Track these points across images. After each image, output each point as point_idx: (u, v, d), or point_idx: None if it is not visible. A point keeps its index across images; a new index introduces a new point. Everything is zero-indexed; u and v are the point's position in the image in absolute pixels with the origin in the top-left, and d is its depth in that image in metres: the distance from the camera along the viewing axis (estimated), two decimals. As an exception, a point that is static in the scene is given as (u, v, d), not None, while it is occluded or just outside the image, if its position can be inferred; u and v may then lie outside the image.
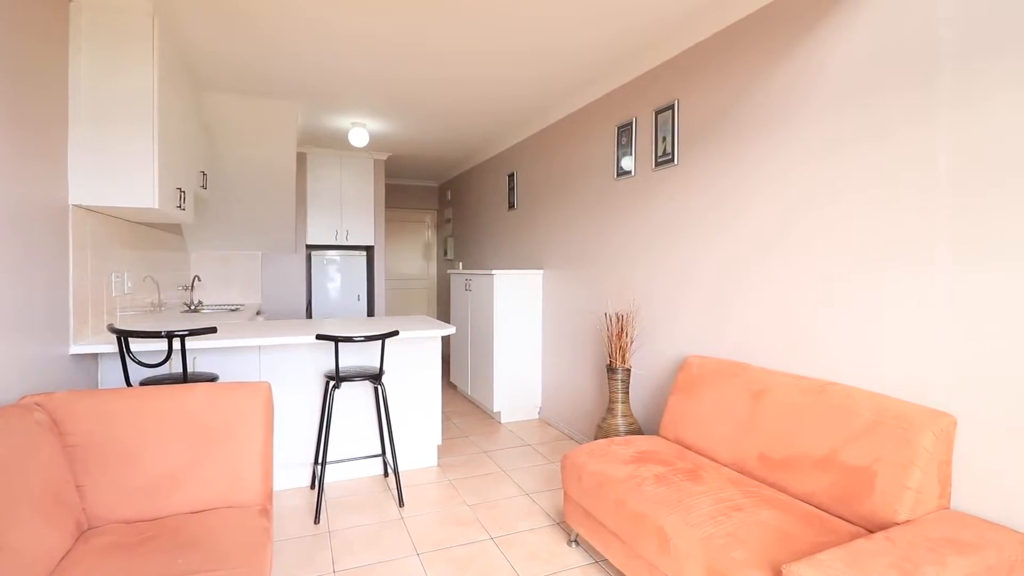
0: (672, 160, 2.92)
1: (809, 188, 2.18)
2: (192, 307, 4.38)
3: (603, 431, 2.99)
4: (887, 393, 1.90)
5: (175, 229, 4.49)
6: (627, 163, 3.30)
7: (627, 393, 3.01)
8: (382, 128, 4.71)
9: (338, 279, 5.80)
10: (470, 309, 4.75)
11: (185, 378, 2.39)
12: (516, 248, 4.93)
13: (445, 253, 7.18)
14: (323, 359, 3.08)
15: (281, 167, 4.44)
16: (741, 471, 2.13)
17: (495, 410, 4.28)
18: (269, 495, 1.94)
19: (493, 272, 4.22)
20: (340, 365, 3.12)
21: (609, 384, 3.04)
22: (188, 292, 4.68)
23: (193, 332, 2.37)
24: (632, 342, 3.06)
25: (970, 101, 1.66)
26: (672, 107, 2.92)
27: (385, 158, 5.75)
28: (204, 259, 5.14)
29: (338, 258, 5.80)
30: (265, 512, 1.86)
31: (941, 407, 1.74)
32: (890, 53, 1.88)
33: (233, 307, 4.59)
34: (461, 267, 6.46)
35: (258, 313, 5.00)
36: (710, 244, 2.67)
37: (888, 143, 1.89)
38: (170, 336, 2.31)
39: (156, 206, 2.49)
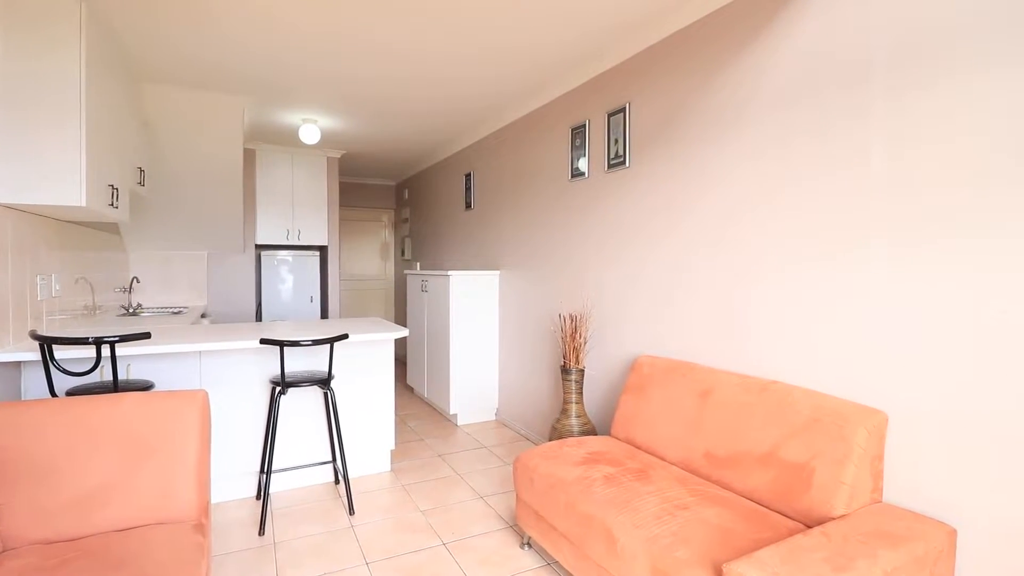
0: (624, 162, 2.95)
1: (750, 186, 2.24)
2: (130, 310, 4.16)
3: (558, 432, 3.00)
4: (826, 391, 1.96)
5: (111, 228, 4.25)
6: (581, 164, 3.31)
7: (581, 394, 3.02)
8: (335, 125, 4.59)
9: (290, 280, 5.62)
10: (427, 310, 4.69)
11: (116, 387, 2.26)
12: (473, 248, 4.90)
13: (403, 253, 7.07)
14: (269, 364, 2.97)
15: (227, 164, 4.27)
16: (688, 469, 2.17)
17: (452, 412, 4.24)
18: (205, 509, 1.85)
19: (449, 273, 4.17)
20: (287, 370, 3.01)
21: (563, 385, 3.05)
22: (126, 295, 4.44)
23: (124, 338, 2.24)
24: (586, 342, 3.08)
25: (901, 98, 1.74)
26: (624, 110, 2.95)
27: (339, 156, 5.61)
28: (145, 259, 4.89)
29: (290, 258, 5.62)
30: (200, 527, 1.77)
31: (875, 404, 1.81)
32: (828, 55, 1.95)
33: (175, 310, 4.38)
34: (419, 267, 6.38)
35: (203, 316, 4.80)
36: (660, 245, 2.71)
37: (825, 138, 1.96)
38: (98, 342, 2.18)
39: (84, 204, 2.34)
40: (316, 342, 2.59)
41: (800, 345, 2.05)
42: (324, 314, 5.79)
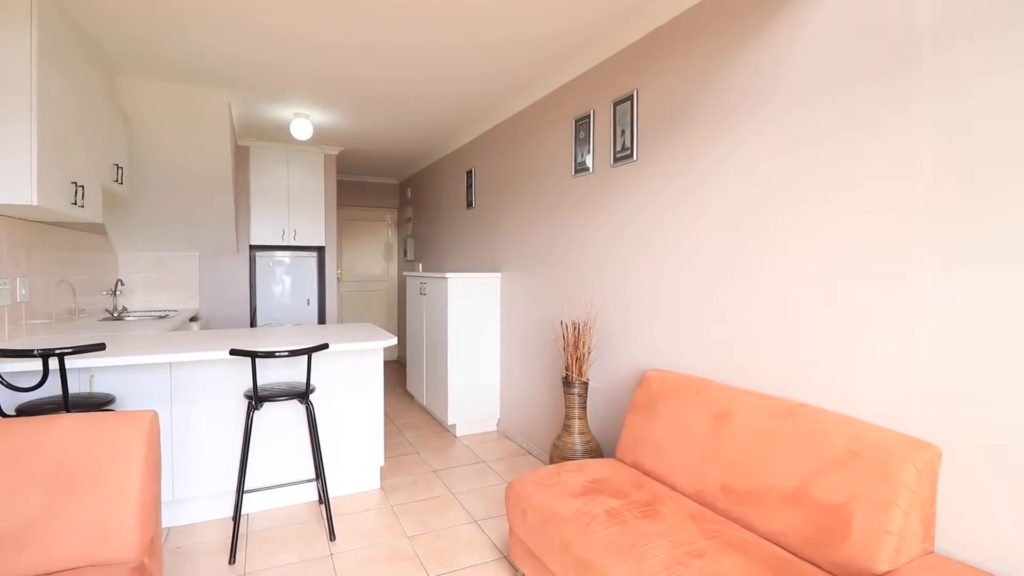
0: (631, 155, 2.68)
1: (776, 187, 1.96)
2: (115, 314, 3.98)
3: (558, 450, 2.74)
4: (863, 418, 1.69)
5: (97, 229, 4.07)
6: (585, 159, 3.05)
7: (584, 408, 2.76)
8: (329, 120, 4.38)
9: (286, 282, 5.43)
10: (425, 314, 4.46)
11: (66, 404, 2.05)
12: (475, 249, 4.66)
13: (405, 254, 6.85)
14: (247, 375, 2.75)
15: (215, 161, 4.07)
16: (703, 503, 1.90)
17: (450, 423, 4.00)
18: (149, 547, 1.63)
19: (447, 275, 3.94)
20: (265, 382, 2.79)
21: (565, 399, 2.79)
22: (112, 298, 4.27)
23: (78, 350, 2.03)
24: (589, 353, 2.82)
25: (955, 88, 1.46)
26: (631, 98, 2.68)
27: (336, 152, 5.40)
28: (133, 261, 4.72)
29: (286, 260, 5.43)
30: (142, 569, 1.55)
31: (923, 436, 1.53)
32: (864, 36, 1.67)
33: (162, 313, 4.20)
34: (421, 269, 6.15)
35: (193, 319, 4.61)
36: (670, 247, 2.45)
37: (862, 135, 1.68)
38: (44, 355, 1.97)
39: (35, 203, 2.13)
40: (292, 353, 2.37)
41: (833, 364, 1.77)
42: (321, 317, 5.59)
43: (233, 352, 2.32)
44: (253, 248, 5.27)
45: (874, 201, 1.65)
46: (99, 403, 2.23)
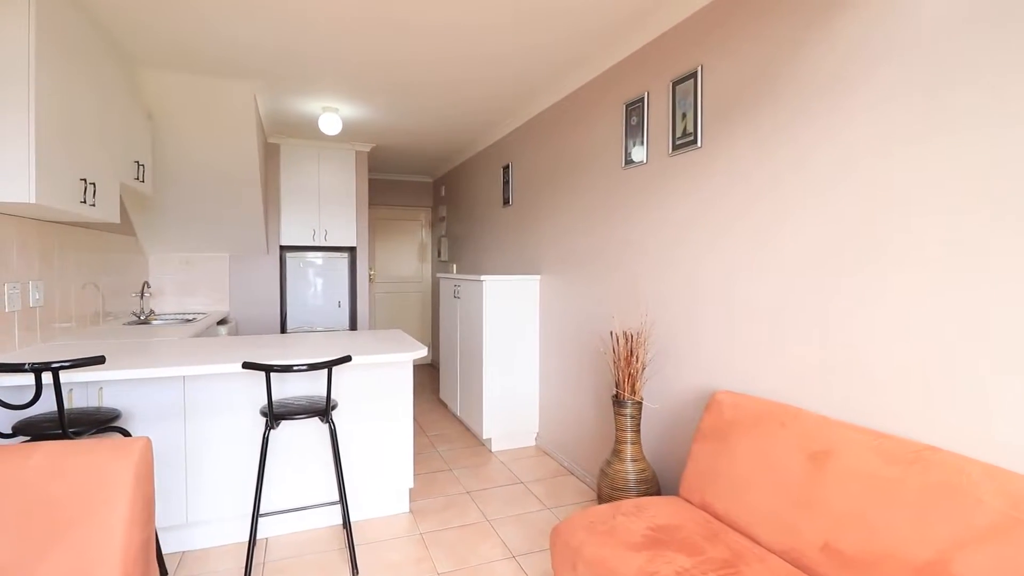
0: (695, 142, 2.32)
1: (894, 182, 1.58)
2: (141, 317, 3.86)
3: (608, 478, 2.41)
4: (1017, 469, 1.30)
5: (125, 230, 3.97)
6: (637, 149, 2.71)
7: (638, 432, 2.42)
8: (359, 114, 4.15)
9: (317, 284, 5.26)
10: (459, 319, 4.18)
11: (62, 423, 1.85)
12: (512, 249, 4.36)
13: (439, 254, 6.62)
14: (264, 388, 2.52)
15: (242, 157, 3.90)
16: (797, 565, 1.54)
17: (485, 437, 3.72)
18: (135, 602, 1.39)
19: (482, 277, 3.65)
20: (284, 396, 2.56)
21: (616, 419, 2.46)
22: (139, 300, 4.16)
23: (75, 363, 1.83)
24: (644, 368, 2.48)
25: None
26: (694, 76, 2.32)
27: (368, 149, 5.19)
28: (163, 263, 4.62)
29: (317, 261, 5.26)
30: (125, 630, 1.31)
31: (1121, 501, 1.14)
32: (1027, -30, 1.28)
33: (189, 317, 4.06)
34: (455, 270, 5.90)
35: (222, 322, 4.48)
36: (746, 248, 2.08)
37: (1013, 128, 1.29)
38: (37, 370, 1.77)
39: (33, 200, 1.94)
40: (311, 367, 2.12)
41: (975, 397, 1.39)
42: (353, 320, 5.39)
43: (246, 365, 2.09)
44: (283, 249, 5.12)
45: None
46: (104, 420, 2.03)
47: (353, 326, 5.37)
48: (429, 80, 3.39)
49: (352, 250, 5.35)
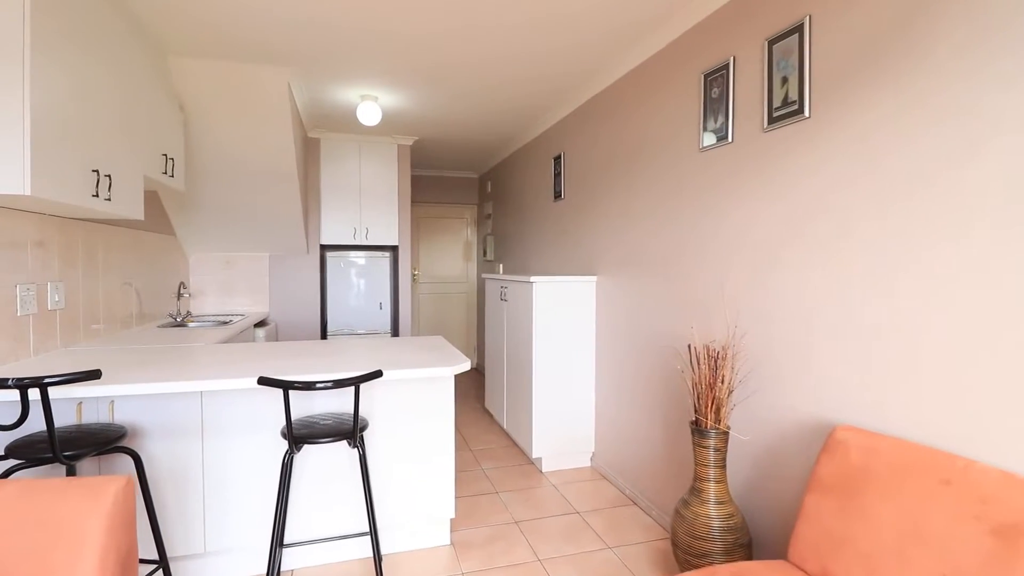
0: (800, 111, 1.88)
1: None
2: (178, 319, 3.70)
3: (686, 522, 1.99)
4: None
5: (163, 228, 3.83)
6: (718, 125, 2.27)
7: (723, 468, 1.99)
8: (399, 103, 3.87)
9: (358, 284, 5.03)
10: (506, 323, 3.83)
11: (52, 445, 1.60)
12: (564, 248, 3.97)
13: (484, 253, 6.30)
14: (292, 400, 2.24)
15: (278, 150, 3.69)
16: None
17: (535, 456, 3.34)
18: None
19: (532, 279, 3.28)
20: (310, 413, 2.27)
21: (696, 451, 2.04)
22: (176, 302, 4.02)
23: (68, 379, 1.58)
24: (732, 391, 2.04)
25: None
26: (798, 30, 1.87)
27: (411, 143, 4.92)
28: (203, 262, 4.50)
29: (358, 260, 5.03)
30: None
31: None
32: None
33: (225, 319, 3.89)
34: (501, 270, 5.56)
35: (260, 324, 4.30)
36: (874, 243, 1.62)
37: None
38: (21, 386, 1.53)
39: (28, 192, 1.72)
40: (336, 384, 1.81)
41: None
42: (395, 322, 5.14)
43: (262, 381, 1.80)
44: (324, 248, 4.92)
45: None
46: (107, 440, 1.79)
47: (395, 329, 5.12)
48: (473, 59, 3.05)
49: (394, 249, 5.10)
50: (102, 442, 1.78)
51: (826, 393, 1.78)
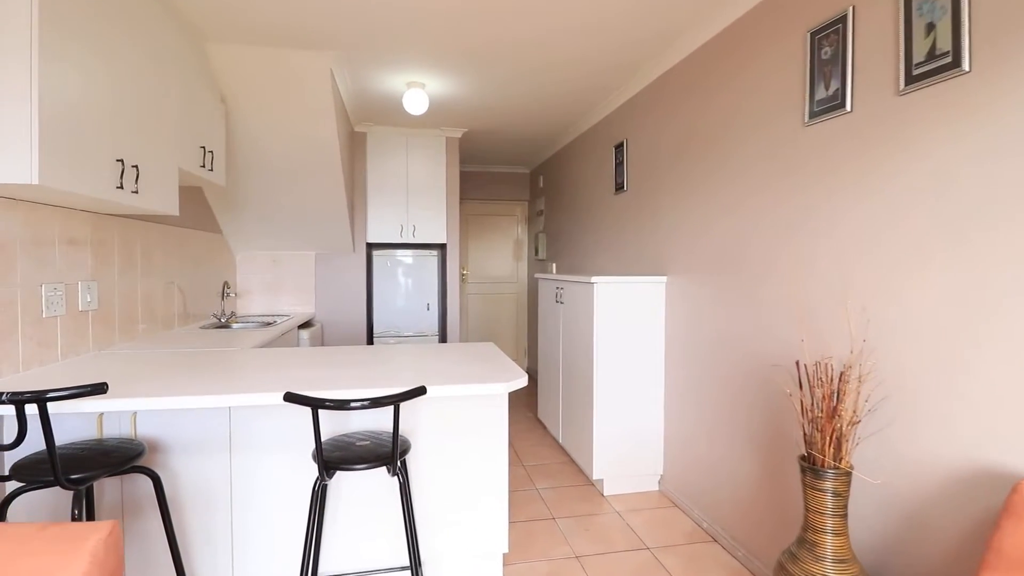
0: (955, 64, 1.45)
1: None
2: (222, 320, 3.57)
3: (794, 581, 1.61)
4: None
5: (209, 226, 3.73)
6: (831, 93, 1.86)
7: (844, 518, 1.59)
8: (448, 90, 3.60)
9: (404, 284, 4.81)
10: (562, 327, 3.50)
11: (55, 471, 1.40)
12: (627, 245, 3.60)
13: (536, 252, 5.98)
14: (328, 420, 2.00)
15: (321, 142, 3.50)
16: None
17: (595, 477, 3.00)
18: None
19: (593, 279, 2.93)
20: (345, 432, 2.02)
21: (807, 493, 1.64)
22: (220, 302, 3.91)
23: (66, 395, 1.38)
24: (859, 422, 1.63)
25: None
26: (954, -40, 1.45)
27: (460, 135, 4.66)
28: (250, 261, 4.39)
29: (404, 259, 4.81)
30: None
31: None
32: None
33: (268, 320, 3.74)
34: (554, 270, 5.23)
35: (306, 325, 4.14)
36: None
37: None
38: (16, 401, 1.33)
39: (35, 181, 1.53)
40: (374, 402, 1.53)
41: None
42: (442, 324, 4.90)
43: (289, 398, 1.54)
44: (370, 246, 4.73)
45: None
46: (122, 459, 1.59)
47: (442, 331, 4.88)
48: (530, 33, 2.74)
49: (442, 247, 4.86)
50: (116, 462, 1.57)
51: (996, 430, 1.35)
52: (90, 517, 1.77)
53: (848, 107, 1.81)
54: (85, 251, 2.27)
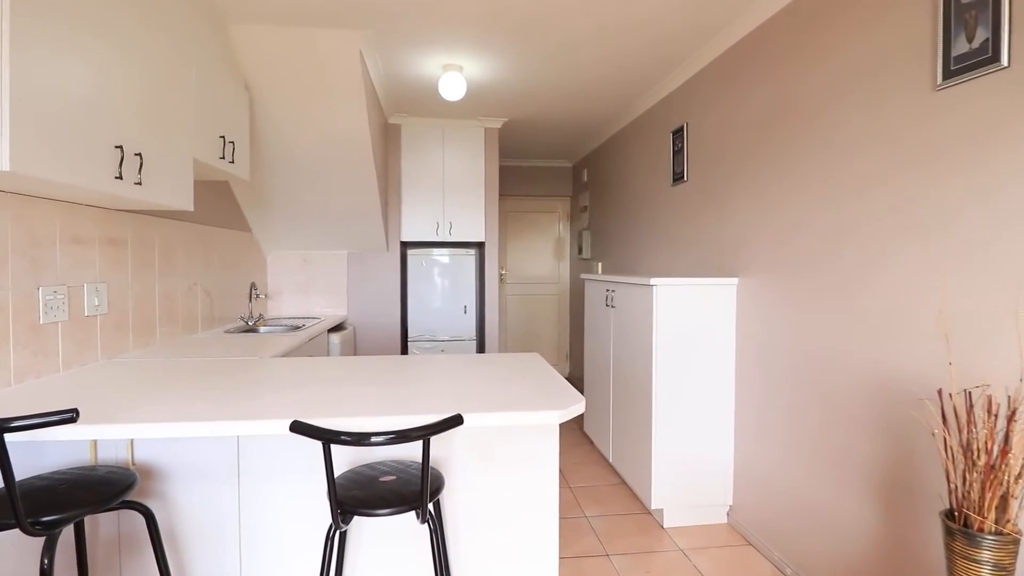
0: None
1: None
2: (249, 324, 3.38)
3: None
4: None
5: (238, 224, 3.54)
6: (976, 46, 1.45)
7: (1015, 600, 1.19)
8: (487, 73, 3.30)
9: (441, 285, 4.54)
10: (613, 335, 3.15)
11: (16, 514, 1.16)
12: (688, 243, 3.21)
13: (579, 251, 5.63)
14: (348, 451, 1.72)
15: (350, 131, 3.25)
16: None
17: (654, 507, 2.63)
18: None
19: (653, 281, 2.57)
20: (368, 461, 1.73)
21: (954, 562, 1.26)
22: (248, 304, 3.72)
23: (35, 424, 1.13)
24: (1035, 476, 1.23)
25: None
26: None
27: (499, 125, 4.35)
28: (281, 260, 4.21)
29: (440, 258, 4.54)
30: None
31: None
32: None
33: (298, 323, 3.52)
34: (600, 270, 4.86)
35: (335, 329, 3.92)
36: None
37: None
38: (-34, 436, 1.09)
39: (6, 167, 1.30)
40: (399, 436, 1.23)
41: None
42: (480, 329, 4.61)
43: (296, 428, 1.26)
44: (404, 245, 4.48)
45: None
46: (109, 494, 1.34)
47: (480, 336, 4.58)
48: (576, 7, 2.40)
49: (480, 246, 4.57)
50: (100, 499, 1.33)
51: None
52: (80, 554, 1.54)
53: (1003, 60, 1.39)
54: (92, 250, 2.06)
